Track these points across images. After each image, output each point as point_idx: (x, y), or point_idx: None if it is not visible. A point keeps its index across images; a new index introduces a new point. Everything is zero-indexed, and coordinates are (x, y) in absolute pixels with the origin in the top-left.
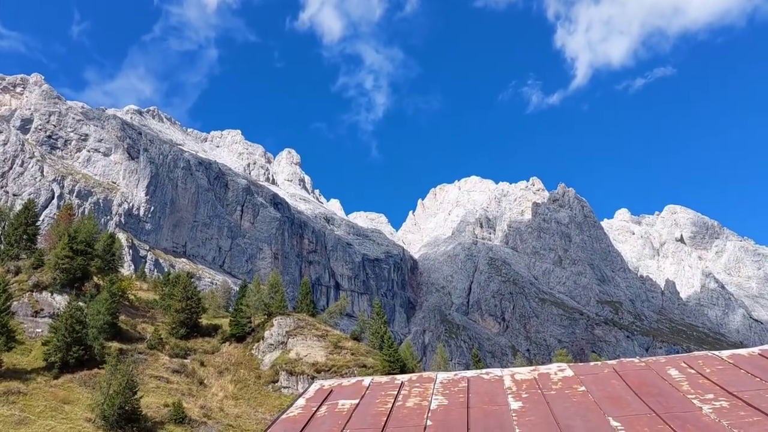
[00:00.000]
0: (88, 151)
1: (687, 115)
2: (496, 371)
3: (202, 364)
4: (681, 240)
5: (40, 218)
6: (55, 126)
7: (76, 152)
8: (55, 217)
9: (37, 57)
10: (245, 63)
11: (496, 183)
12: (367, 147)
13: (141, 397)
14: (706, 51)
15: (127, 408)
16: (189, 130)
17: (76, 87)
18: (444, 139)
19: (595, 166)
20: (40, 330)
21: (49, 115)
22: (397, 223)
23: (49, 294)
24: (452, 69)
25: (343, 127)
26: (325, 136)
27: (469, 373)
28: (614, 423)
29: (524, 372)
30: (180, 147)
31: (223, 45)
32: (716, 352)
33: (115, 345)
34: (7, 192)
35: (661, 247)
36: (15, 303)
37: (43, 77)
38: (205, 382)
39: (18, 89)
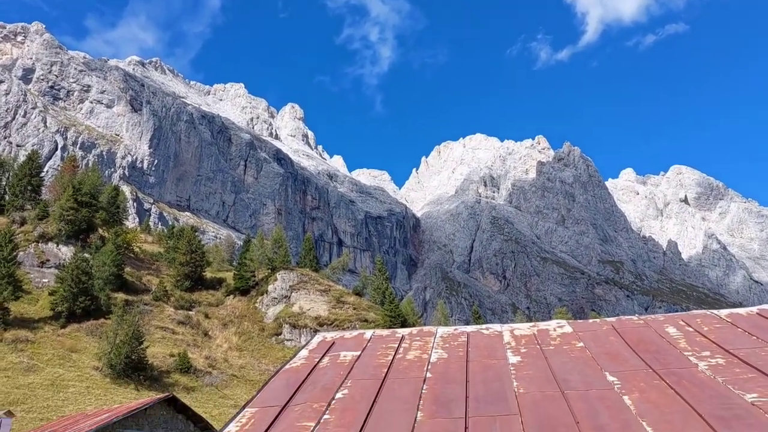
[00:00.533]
0: (91, 103)
1: (697, 74)
2: (496, 327)
3: (206, 316)
4: (685, 201)
5: (44, 169)
6: (57, 76)
7: (78, 103)
8: (59, 168)
9: (37, 4)
10: (248, 13)
11: (502, 141)
12: (372, 101)
13: (147, 347)
14: (720, 7)
15: (133, 357)
16: (192, 82)
17: (77, 35)
18: (450, 95)
19: (601, 124)
20: (46, 280)
21: (51, 65)
22: (400, 180)
23: (55, 245)
24: (460, 22)
25: (347, 81)
26: (329, 90)
27: (469, 328)
28: (611, 378)
29: (524, 328)
30: (183, 100)
31: None
32: (714, 311)
33: (120, 296)
34: (11, 142)
35: (665, 207)
36: (21, 253)
37: (44, 26)
38: (210, 333)
39: (19, 38)
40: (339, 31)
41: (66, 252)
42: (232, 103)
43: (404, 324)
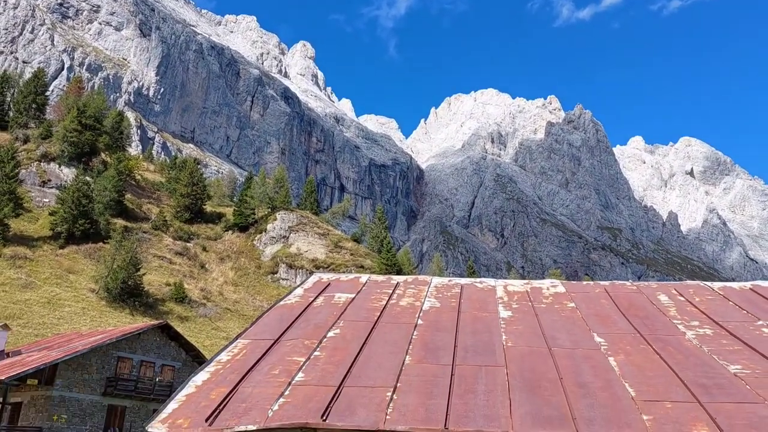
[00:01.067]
0: (100, 24)
1: (717, 44)
2: (490, 281)
3: (204, 249)
4: (691, 173)
5: (50, 88)
6: None
7: (87, 23)
8: (65, 88)
9: None
10: None
11: (513, 98)
12: (385, 45)
13: (144, 274)
14: None
15: (129, 283)
16: (203, 11)
17: None
18: (466, 46)
19: (615, 90)
20: (47, 200)
21: None
22: (407, 130)
23: (57, 165)
24: None
25: (362, 21)
26: (343, 29)
27: (464, 281)
28: (598, 339)
29: (517, 284)
30: (193, 28)
31: None
32: (708, 283)
33: (120, 222)
34: (17, 58)
35: (670, 178)
36: (23, 171)
37: None
38: (207, 266)
39: None
40: None
41: (68, 173)
42: (242, 36)
43: (400, 272)
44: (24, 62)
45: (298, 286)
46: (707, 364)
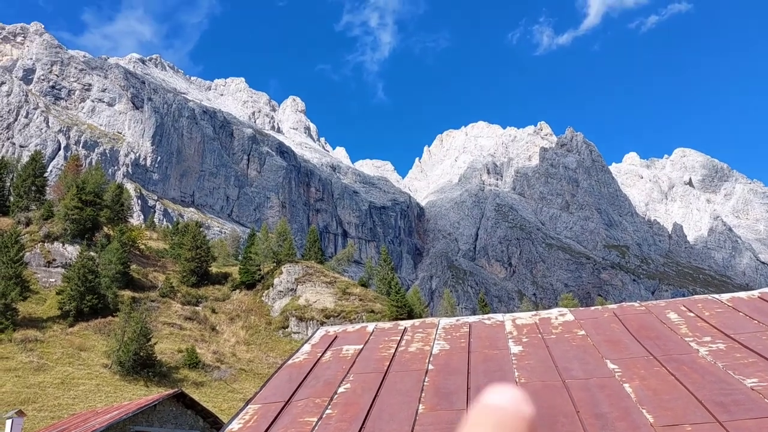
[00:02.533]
0: (93, 101)
1: (699, 55)
2: (498, 316)
3: (213, 311)
4: (690, 183)
5: (48, 169)
6: (57, 76)
7: (80, 102)
8: (63, 168)
9: (33, 1)
10: (246, 2)
11: (504, 128)
12: (373, 88)
13: (155, 344)
14: None
15: (142, 354)
16: (192, 78)
17: (75, 31)
18: (452, 81)
19: (604, 109)
20: (53, 280)
21: (52, 65)
22: (403, 170)
23: (61, 244)
24: (460, 5)
25: (348, 68)
26: (330, 78)
27: (471, 319)
28: (612, 365)
29: (525, 317)
30: (184, 96)
31: None
32: (716, 296)
33: (127, 293)
34: (14, 143)
35: (670, 190)
36: (27, 253)
37: (43, 26)
38: (217, 328)
39: (18, 38)
40: (338, 17)
41: (72, 251)
42: (233, 98)
43: (411, 314)
44: (21, 146)
45: (306, 342)
46: (723, 380)
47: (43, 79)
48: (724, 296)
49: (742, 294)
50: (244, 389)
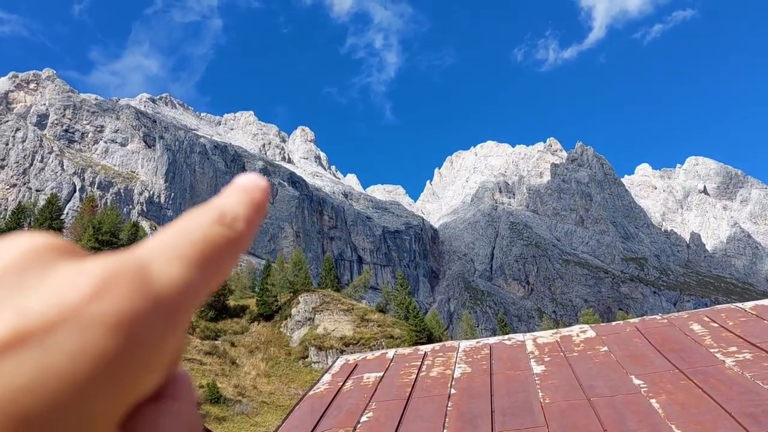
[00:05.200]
0: (105, 142)
1: (706, 60)
2: (518, 336)
3: (232, 344)
4: (704, 191)
5: (64, 212)
6: (71, 119)
7: (93, 144)
8: (79, 209)
9: (40, 40)
10: (251, 31)
11: (513, 146)
12: (381, 109)
13: None
14: None
15: None
16: (202, 114)
17: (84, 70)
18: (459, 99)
19: (613, 121)
20: None
21: (64, 109)
22: (415, 193)
23: None
24: (463, 22)
25: (355, 90)
26: (337, 101)
27: (492, 340)
28: (637, 381)
29: (546, 335)
30: (195, 132)
31: (227, 13)
32: (739, 304)
33: None
34: (30, 188)
35: (685, 199)
36: None
37: (54, 71)
38: (237, 361)
39: (31, 85)
40: (343, 40)
41: None
42: (243, 131)
43: (430, 337)
44: (37, 191)
45: (326, 371)
46: (752, 391)
47: (56, 124)
48: (748, 304)
49: (766, 301)
50: (267, 422)
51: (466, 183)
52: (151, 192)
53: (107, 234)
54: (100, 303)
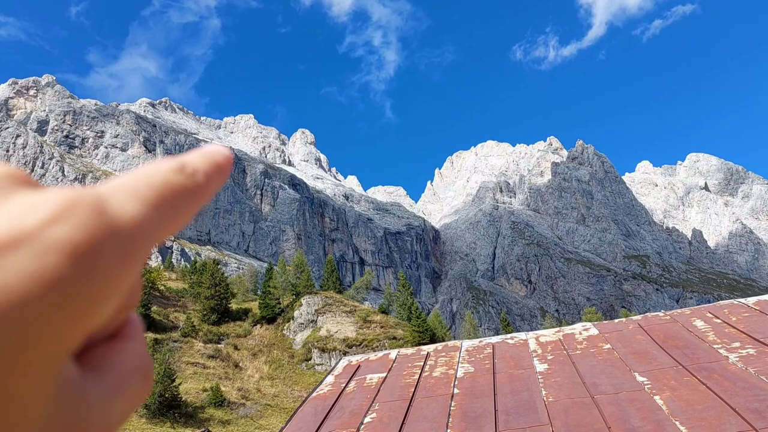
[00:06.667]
0: (106, 148)
1: (706, 56)
2: (521, 335)
3: (235, 347)
4: (706, 188)
5: None
6: (71, 125)
7: (93, 149)
8: None
9: (38, 43)
10: (249, 31)
11: (513, 146)
12: (381, 108)
13: (179, 384)
14: None
15: (167, 395)
16: (202, 118)
17: (82, 72)
18: (458, 98)
19: (613, 119)
20: None
21: (65, 115)
22: (415, 194)
23: None
24: (462, 19)
25: (354, 89)
26: (337, 100)
27: (494, 339)
28: (640, 378)
29: (549, 334)
30: (195, 136)
31: (225, 13)
32: (742, 300)
33: (149, 335)
34: None
35: (686, 196)
36: None
37: (54, 77)
38: (241, 364)
39: (31, 92)
40: (341, 39)
41: None
42: (243, 135)
43: (433, 338)
44: None
45: (329, 373)
46: (756, 386)
47: (56, 130)
48: (751, 300)
49: None
50: (271, 425)
51: (467, 183)
52: None
53: None
54: (57, 228)
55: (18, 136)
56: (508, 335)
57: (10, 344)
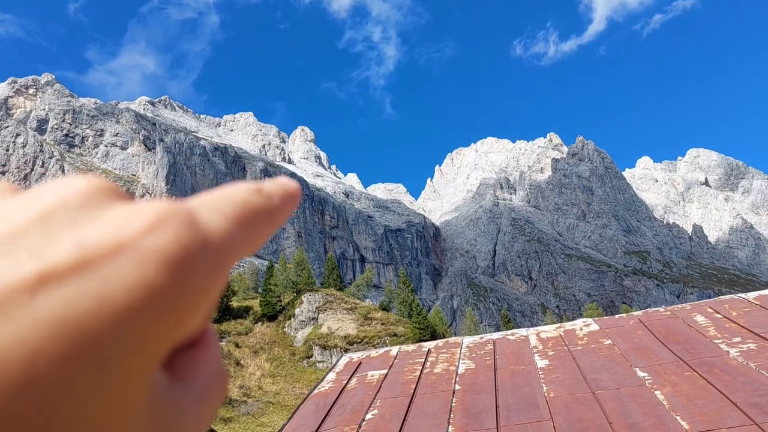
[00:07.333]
0: (106, 146)
1: (707, 51)
2: (522, 331)
3: (236, 345)
4: (706, 183)
5: None
6: (70, 124)
7: (93, 148)
8: None
9: (36, 41)
10: (248, 26)
11: (513, 142)
12: (381, 103)
13: None
14: None
15: None
16: (202, 116)
17: (80, 69)
18: (459, 94)
19: (613, 115)
20: None
21: (64, 114)
22: (416, 191)
23: None
24: (463, 13)
25: (354, 85)
26: (336, 96)
27: (495, 336)
28: (641, 374)
29: (550, 330)
30: (195, 134)
31: (224, 9)
32: (742, 295)
33: None
34: None
35: (686, 192)
36: None
37: (54, 76)
38: (242, 362)
39: (30, 90)
40: (340, 34)
41: None
42: (243, 132)
43: (434, 334)
44: None
45: (330, 370)
46: (757, 381)
47: (56, 128)
48: (751, 295)
49: None
50: (273, 422)
51: (467, 180)
52: (153, 195)
53: None
54: (154, 237)
55: (18, 135)
56: (509, 331)
57: (115, 352)
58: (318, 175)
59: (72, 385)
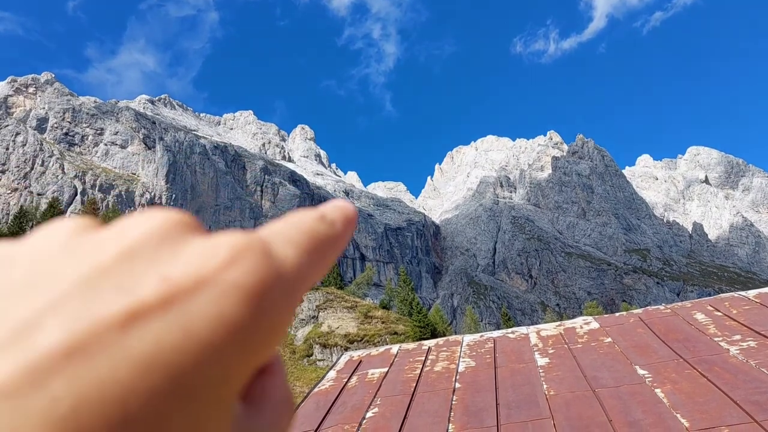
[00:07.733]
0: (106, 145)
1: (708, 48)
2: (522, 329)
3: None
4: (706, 181)
5: (66, 215)
6: (70, 123)
7: (93, 147)
8: (80, 212)
9: (35, 38)
10: (248, 23)
11: (513, 140)
12: (381, 101)
13: None
14: None
15: None
16: (202, 114)
17: (79, 68)
18: (459, 92)
19: (613, 113)
20: None
21: (64, 113)
22: (416, 190)
23: None
24: (463, 10)
25: (354, 82)
26: (336, 93)
27: (495, 334)
28: (641, 371)
29: (550, 328)
30: (195, 133)
31: (223, 6)
32: (743, 293)
33: None
34: (32, 192)
35: (686, 189)
36: None
37: (53, 75)
38: None
39: (30, 89)
40: (340, 32)
41: None
42: (242, 131)
43: (434, 333)
44: (39, 194)
45: (330, 368)
46: (757, 378)
47: (56, 127)
48: (751, 293)
49: None
50: None
51: (467, 178)
52: (153, 193)
53: None
54: (233, 271)
55: (17, 134)
56: (509, 330)
57: (201, 385)
58: (318, 174)
59: (163, 420)
